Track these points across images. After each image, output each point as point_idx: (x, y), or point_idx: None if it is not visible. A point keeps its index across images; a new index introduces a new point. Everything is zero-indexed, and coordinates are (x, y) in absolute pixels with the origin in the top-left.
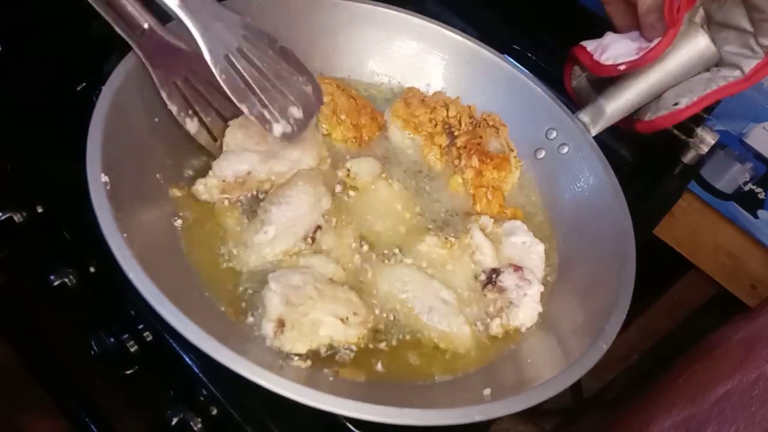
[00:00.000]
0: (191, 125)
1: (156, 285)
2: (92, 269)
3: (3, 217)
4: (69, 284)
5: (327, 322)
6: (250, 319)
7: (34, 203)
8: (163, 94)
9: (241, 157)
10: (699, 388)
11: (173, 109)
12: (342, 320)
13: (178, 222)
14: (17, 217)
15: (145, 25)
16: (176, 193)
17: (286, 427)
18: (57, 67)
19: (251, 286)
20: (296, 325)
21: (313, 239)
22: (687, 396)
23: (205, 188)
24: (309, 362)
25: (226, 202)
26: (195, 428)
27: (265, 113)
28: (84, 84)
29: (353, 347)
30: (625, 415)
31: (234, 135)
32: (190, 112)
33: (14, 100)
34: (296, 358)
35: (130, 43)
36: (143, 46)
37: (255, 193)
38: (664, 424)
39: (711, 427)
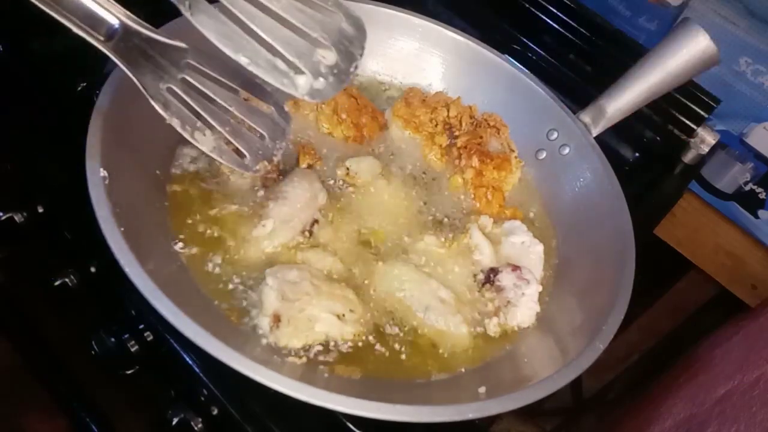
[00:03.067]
0: (204, 140)
1: (152, 279)
2: (93, 269)
3: (3, 217)
4: (70, 284)
5: (323, 319)
6: (247, 316)
7: (34, 203)
8: (156, 107)
9: None
10: (699, 388)
11: (175, 123)
12: (338, 317)
13: (176, 217)
14: (18, 217)
15: (115, 23)
16: (175, 188)
17: (286, 426)
18: (57, 67)
19: (248, 282)
20: (292, 320)
21: (311, 233)
22: (688, 396)
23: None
24: (304, 359)
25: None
26: (196, 428)
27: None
28: (84, 84)
29: (349, 344)
30: (626, 415)
31: None
32: (198, 124)
33: (14, 99)
34: (292, 354)
35: (99, 46)
36: (119, 49)
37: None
38: (664, 424)
39: (712, 427)
